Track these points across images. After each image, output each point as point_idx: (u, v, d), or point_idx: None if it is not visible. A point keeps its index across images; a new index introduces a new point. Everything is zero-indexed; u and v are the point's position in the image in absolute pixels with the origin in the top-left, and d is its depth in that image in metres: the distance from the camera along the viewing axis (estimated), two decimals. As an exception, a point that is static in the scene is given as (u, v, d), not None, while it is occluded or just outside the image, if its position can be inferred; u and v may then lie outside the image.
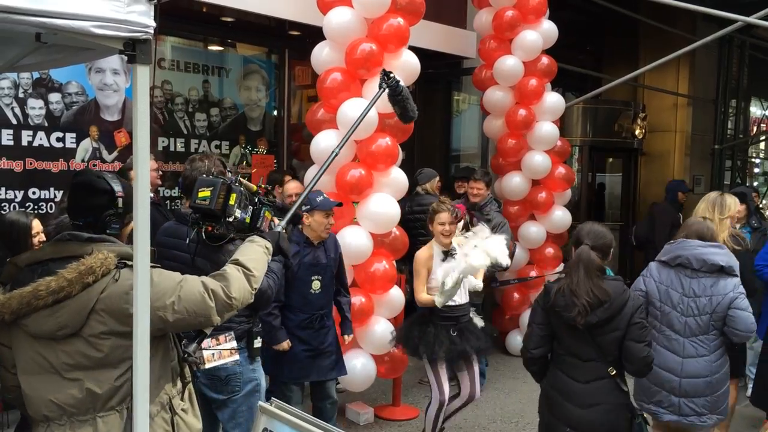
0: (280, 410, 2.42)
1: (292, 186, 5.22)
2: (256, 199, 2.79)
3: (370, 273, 4.99)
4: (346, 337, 4.48)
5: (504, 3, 6.59)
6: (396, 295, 5.20)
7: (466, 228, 4.63)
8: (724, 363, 3.79)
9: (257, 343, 3.33)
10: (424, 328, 4.39)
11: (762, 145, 15.91)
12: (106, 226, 2.23)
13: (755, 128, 14.58)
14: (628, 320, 3.03)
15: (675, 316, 3.73)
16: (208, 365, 2.63)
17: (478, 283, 4.47)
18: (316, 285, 4.19)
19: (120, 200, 2.25)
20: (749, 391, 5.51)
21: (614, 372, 3.09)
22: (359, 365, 5.03)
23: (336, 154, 3.14)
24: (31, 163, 5.20)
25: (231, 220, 2.66)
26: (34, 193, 5.22)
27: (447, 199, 4.77)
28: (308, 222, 4.13)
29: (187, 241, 2.83)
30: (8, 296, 2.11)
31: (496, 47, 6.73)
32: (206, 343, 2.55)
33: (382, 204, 4.98)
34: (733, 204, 4.59)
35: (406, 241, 5.34)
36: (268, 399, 2.71)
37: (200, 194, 2.65)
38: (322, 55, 5.18)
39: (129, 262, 2.14)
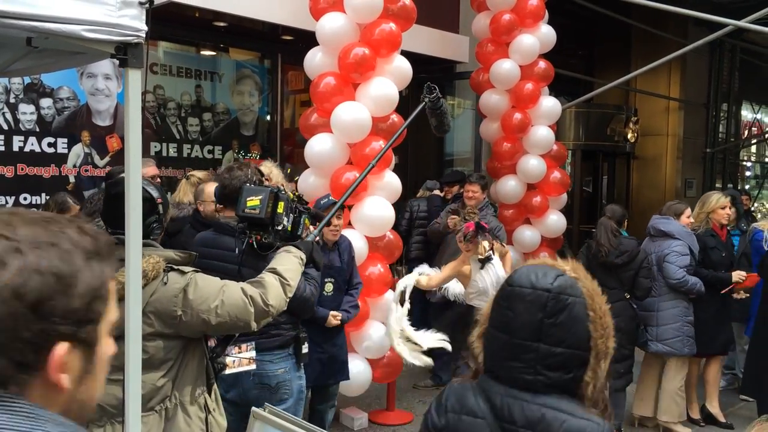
0: (274, 416, 2.41)
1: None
2: (295, 207, 2.78)
3: (365, 277, 4.97)
4: (334, 313, 4.25)
5: (501, 6, 6.62)
6: (390, 299, 5.18)
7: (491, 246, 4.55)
8: (675, 304, 4.97)
9: (305, 348, 3.29)
10: (469, 330, 4.44)
11: (753, 149, 16.01)
12: (150, 232, 2.28)
13: (746, 132, 14.66)
14: (640, 264, 4.76)
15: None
16: (228, 371, 2.65)
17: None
18: (328, 287, 4.19)
19: (161, 206, 2.31)
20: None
21: (628, 296, 4.79)
22: (354, 370, 4.99)
23: (372, 166, 3.15)
24: (22, 169, 5.17)
25: (279, 228, 2.64)
26: (25, 198, 5.19)
27: (472, 212, 4.80)
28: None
29: (237, 251, 2.79)
30: None
31: (494, 51, 6.75)
32: (229, 349, 2.58)
33: (377, 207, 4.97)
34: (714, 201, 5.19)
35: (400, 244, 5.34)
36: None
37: (249, 203, 2.63)
38: (315, 60, 5.19)
39: (176, 267, 2.22)
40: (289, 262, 2.48)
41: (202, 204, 4.24)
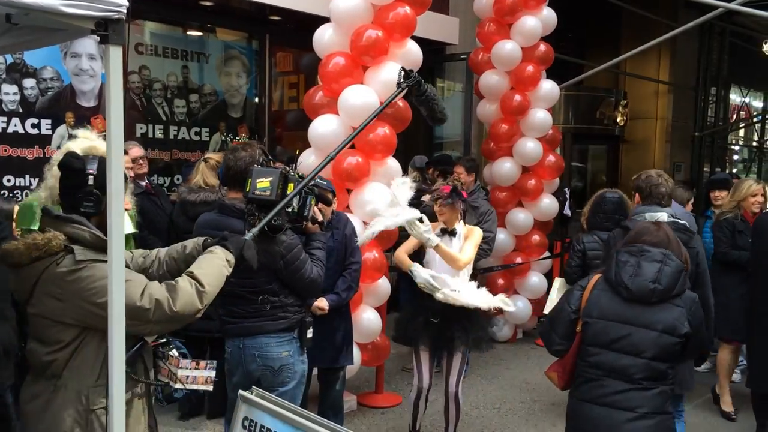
0: (261, 399, 2.39)
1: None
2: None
3: (360, 262, 4.93)
4: (319, 304, 4.03)
5: (507, -13, 6.55)
6: (382, 284, 5.17)
7: (463, 213, 4.36)
8: None
9: (309, 333, 3.25)
10: (415, 318, 4.32)
11: (741, 132, 16.08)
12: (79, 205, 2.22)
13: (735, 115, 14.71)
14: None
15: None
16: (179, 385, 2.51)
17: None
18: None
19: (90, 178, 2.21)
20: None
21: None
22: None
23: (331, 158, 2.95)
24: (5, 150, 5.10)
25: (289, 210, 2.61)
26: (9, 180, 5.12)
27: (457, 180, 4.70)
28: None
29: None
30: None
31: (495, 31, 6.70)
32: (185, 362, 2.51)
33: (375, 193, 4.91)
34: (746, 188, 5.17)
35: (396, 230, 5.30)
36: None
37: (259, 185, 2.60)
38: (324, 37, 5.06)
39: (79, 249, 2.15)
40: (210, 265, 2.32)
41: None
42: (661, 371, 2.76)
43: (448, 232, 4.25)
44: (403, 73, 3.12)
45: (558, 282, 5.45)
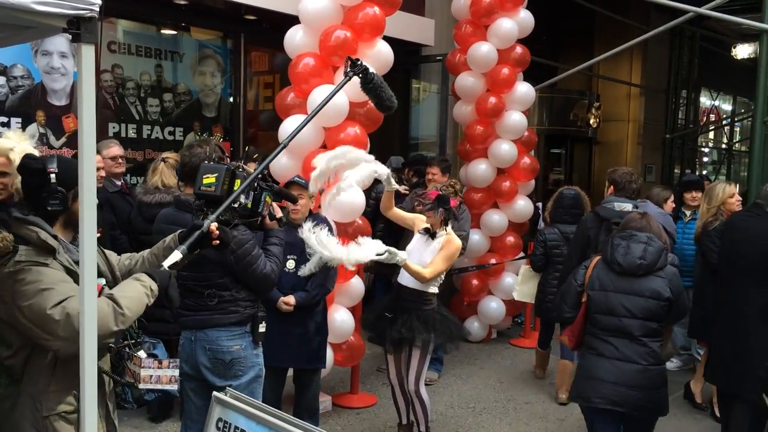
0: (235, 400, 2.38)
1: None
2: (256, 184, 2.76)
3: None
4: (285, 299, 4.07)
5: (483, -11, 6.57)
6: (356, 284, 5.17)
7: (445, 221, 4.30)
8: None
9: (262, 327, 3.26)
10: (373, 313, 4.50)
11: (711, 135, 16.37)
12: (45, 204, 2.21)
13: (705, 118, 14.96)
14: None
15: None
16: (142, 385, 2.48)
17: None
18: (290, 264, 4.08)
19: (53, 176, 2.20)
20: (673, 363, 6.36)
21: None
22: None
23: (277, 153, 2.83)
24: (-26, 149, 5.00)
25: (236, 206, 2.63)
26: (-23, 180, 5.03)
27: (453, 184, 4.89)
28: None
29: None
30: None
31: (471, 33, 6.73)
32: (147, 362, 2.49)
33: (349, 194, 4.90)
34: (722, 192, 5.13)
35: (369, 230, 5.31)
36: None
37: (205, 181, 2.65)
38: (295, 39, 5.08)
39: (23, 250, 2.15)
40: (133, 290, 2.30)
41: None
42: (653, 329, 3.49)
43: (429, 233, 4.29)
44: (349, 62, 3.11)
45: (523, 269, 6.07)
